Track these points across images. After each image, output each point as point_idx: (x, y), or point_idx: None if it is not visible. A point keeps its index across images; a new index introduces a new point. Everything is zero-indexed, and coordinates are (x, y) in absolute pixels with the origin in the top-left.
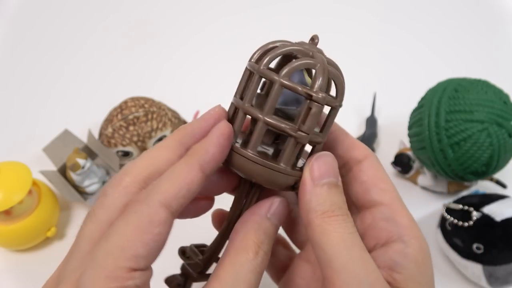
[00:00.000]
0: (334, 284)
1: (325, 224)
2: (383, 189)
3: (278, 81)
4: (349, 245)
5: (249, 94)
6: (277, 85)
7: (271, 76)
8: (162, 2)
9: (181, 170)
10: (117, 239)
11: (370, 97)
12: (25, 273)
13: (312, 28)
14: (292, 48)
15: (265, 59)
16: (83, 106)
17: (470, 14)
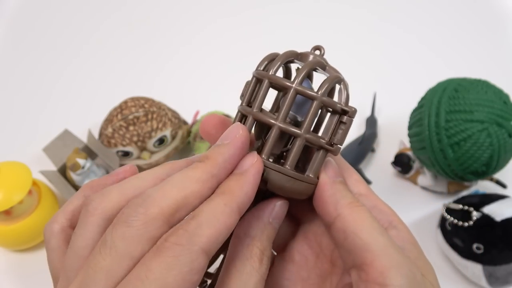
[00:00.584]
0: (376, 267)
1: (354, 213)
2: (356, 180)
3: (293, 87)
4: (382, 231)
5: (257, 101)
6: (292, 91)
7: (284, 83)
8: (163, 2)
9: (222, 214)
10: (156, 285)
11: (370, 97)
12: (25, 273)
13: (312, 28)
14: (297, 57)
15: (275, 66)
16: (83, 106)
17: (470, 14)
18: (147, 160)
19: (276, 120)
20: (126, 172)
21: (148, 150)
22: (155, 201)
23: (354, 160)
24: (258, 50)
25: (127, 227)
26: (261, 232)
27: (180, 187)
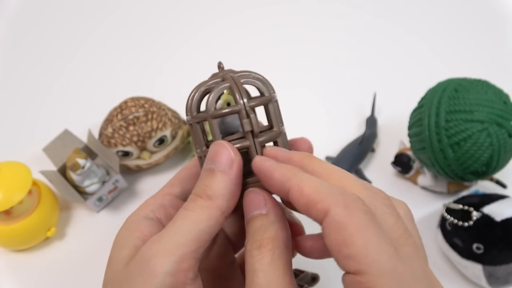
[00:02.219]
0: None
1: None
2: (346, 256)
3: (208, 116)
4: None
5: (199, 141)
6: (209, 119)
7: (203, 116)
8: (162, 2)
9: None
10: None
11: (370, 97)
12: (25, 273)
13: (312, 28)
14: (207, 86)
15: (192, 108)
16: (83, 106)
17: (470, 14)
18: (147, 160)
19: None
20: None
21: (148, 150)
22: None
23: (354, 160)
24: (258, 50)
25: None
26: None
27: (193, 237)
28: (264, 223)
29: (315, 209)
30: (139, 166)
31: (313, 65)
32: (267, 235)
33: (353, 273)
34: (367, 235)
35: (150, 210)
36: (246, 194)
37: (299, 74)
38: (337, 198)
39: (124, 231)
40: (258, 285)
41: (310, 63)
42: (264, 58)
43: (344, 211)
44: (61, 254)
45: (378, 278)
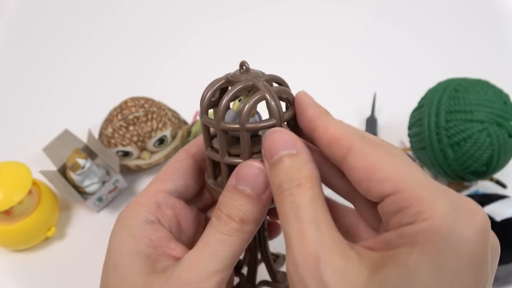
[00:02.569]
0: (409, 194)
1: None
2: (380, 179)
3: (242, 129)
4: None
5: (207, 141)
6: (242, 132)
7: (234, 128)
8: (162, 2)
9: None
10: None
11: (370, 97)
12: (25, 273)
13: (312, 28)
14: (234, 92)
15: (219, 114)
16: (83, 106)
17: (470, 14)
18: (147, 160)
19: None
20: None
21: (148, 150)
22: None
23: None
24: (258, 50)
25: None
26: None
27: (228, 263)
28: (297, 162)
29: (339, 145)
30: (139, 166)
31: (313, 65)
32: (304, 173)
33: (391, 194)
34: (394, 159)
35: (147, 211)
36: (270, 133)
37: (299, 74)
38: (360, 136)
39: (126, 237)
40: (306, 220)
41: (310, 63)
42: (264, 58)
43: (367, 144)
44: (61, 254)
45: (419, 188)
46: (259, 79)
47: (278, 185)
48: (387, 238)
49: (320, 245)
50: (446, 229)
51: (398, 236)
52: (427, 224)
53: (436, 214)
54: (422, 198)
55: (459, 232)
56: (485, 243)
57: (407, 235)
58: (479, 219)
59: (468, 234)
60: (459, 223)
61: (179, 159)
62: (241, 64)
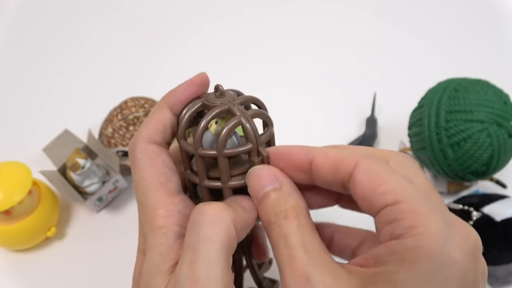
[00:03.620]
0: (406, 208)
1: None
2: (383, 192)
3: (220, 155)
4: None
5: (185, 165)
6: (221, 158)
7: (212, 154)
8: (162, 2)
9: (153, 112)
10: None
11: (370, 97)
12: (25, 273)
13: (312, 28)
14: (211, 116)
15: (197, 139)
16: (83, 106)
17: (470, 14)
18: None
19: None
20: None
21: None
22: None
23: None
24: (258, 50)
25: None
26: None
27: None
28: (281, 196)
29: (344, 165)
30: None
31: (313, 65)
32: (289, 205)
33: (391, 204)
34: (397, 176)
35: (174, 224)
36: (252, 172)
37: (299, 74)
38: (362, 154)
39: (156, 256)
40: (294, 245)
41: (310, 63)
42: (263, 58)
43: (371, 161)
44: (61, 254)
45: (417, 203)
46: (234, 102)
47: (267, 220)
48: (377, 254)
49: (309, 266)
50: (436, 248)
51: (388, 252)
52: (417, 241)
53: (428, 232)
54: (417, 213)
55: (448, 253)
56: (475, 266)
57: (396, 252)
58: (471, 242)
59: (458, 255)
60: (450, 243)
61: (153, 153)
62: (215, 88)
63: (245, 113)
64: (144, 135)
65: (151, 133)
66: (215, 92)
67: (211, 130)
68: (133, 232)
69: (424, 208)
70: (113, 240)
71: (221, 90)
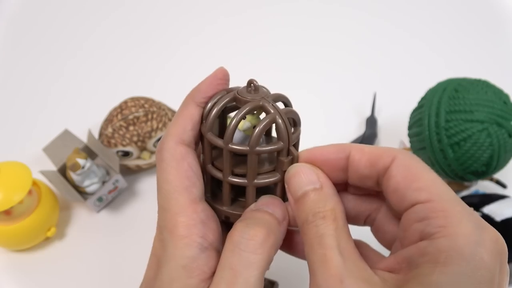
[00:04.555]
0: (438, 206)
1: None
2: (417, 188)
3: (252, 152)
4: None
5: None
6: (251, 155)
7: (243, 151)
8: (162, 2)
9: (181, 109)
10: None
11: (370, 97)
12: (25, 273)
13: (312, 28)
14: (244, 113)
15: (227, 136)
16: (83, 106)
17: (470, 14)
18: (147, 160)
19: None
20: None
21: (148, 150)
22: None
23: None
24: (258, 50)
25: None
26: None
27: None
28: (322, 196)
29: (382, 160)
30: (139, 166)
31: (313, 65)
32: (329, 206)
33: (424, 202)
34: (432, 174)
35: (198, 235)
36: (292, 169)
37: (299, 74)
38: (399, 150)
39: (178, 270)
40: (329, 246)
41: (310, 63)
42: (263, 58)
43: (408, 157)
44: (61, 254)
45: (450, 203)
46: (268, 99)
47: (304, 219)
48: (409, 256)
49: (343, 270)
50: (468, 251)
51: (420, 254)
52: (450, 242)
53: (460, 233)
54: (450, 213)
55: (480, 256)
56: (502, 270)
57: (428, 253)
58: (500, 246)
59: (488, 259)
60: (482, 246)
61: (181, 155)
62: (249, 82)
63: (280, 111)
64: (174, 134)
65: (180, 131)
66: (247, 87)
67: (239, 126)
68: (133, 232)
69: (457, 208)
70: (113, 240)
71: (255, 85)
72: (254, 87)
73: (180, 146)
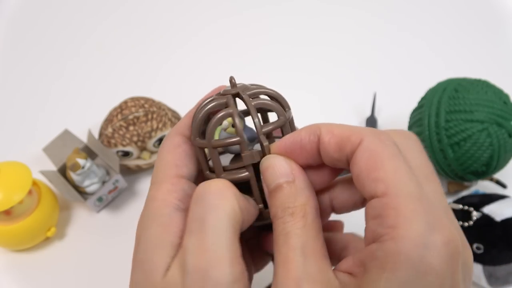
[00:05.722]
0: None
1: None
2: (375, 179)
3: (209, 145)
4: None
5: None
6: (210, 148)
7: (203, 144)
8: (162, 2)
9: (189, 110)
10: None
11: (370, 97)
12: (25, 273)
13: (312, 28)
14: (208, 109)
15: (194, 130)
16: (83, 106)
17: (470, 14)
18: (147, 160)
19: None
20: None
21: (148, 150)
22: None
23: None
24: (257, 50)
25: None
26: None
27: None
28: (293, 191)
29: (350, 142)
30: (139, 166)
31: (313, 65)
32: (299, 202)
33: (380, 196)
34: (397, 162)
35: (177, 198)
36: (266, 161)
37: (299, 74)
38: (369, 131)
39: (155, 228)
40: (293, 246)
41: (310, 63)
42: (263, 58)
43: (376, 140)
44: (61, 254)
45: (404, 200)
46: (242, 93)
47: (274, 213)
48: (363, 258)
49: (303, 273)
50: (415, 255)
51: (370, 258)
52: (397, 245)
53: (408, 236)
54: (401, 212)
55: (428, 261)
56: (454, 274)
57: (377, 257)
58: (451, 248)
59: (437, 263)
60: (429, 250)
61: (178, 143)
62: (229, 80)
63: (249, 104)
64: (176, 128)
65: (182, 126)
66: (230, 84)
67: (227, 130)
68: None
69: (410, 206)
70: (113, 240)
71: (233, 83)
72: (232, 84)
73: (178, 136)
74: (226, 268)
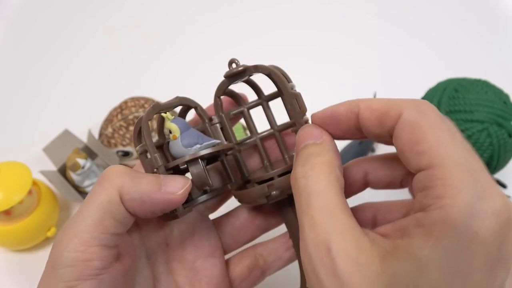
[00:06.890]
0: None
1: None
2: (418, 152)
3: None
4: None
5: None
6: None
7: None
8: (162, 2)
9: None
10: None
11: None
12: (25, 273)
13: (312, 28)
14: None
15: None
16: (83, 106)
17: (470, 14)
18: None
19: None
20: None
21: None
22: None
23: None
24: (257, 50)
25: None
26: None
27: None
28: (318, 149)
29: (389, 117)
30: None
31: (313, 65)
32: (322, 158)
33: (425, 168)
34: (440, 131)
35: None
36: (302, 128)
37: (299, 74)
38: (409, 102)
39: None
40: (318, 207)
41: (309, 64)
42: (263, 58)
43: (416, 112)
44: None
45: (450, 169)
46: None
47: (296, 172)
48: (404, 225)
49: (331, 232)
50: (463, 224)
51: (415, 224)
52: (445, 214)
53: (455, 204)
54: (449, 182)
55: (475, 230)
56: (504, 242)
57: (423, 225)
58: (501, 219)
59: (485, 233)
60: (476, 219)
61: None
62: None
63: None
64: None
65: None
66: None
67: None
68: None
69: (458, 176)
70: None
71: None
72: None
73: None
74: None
